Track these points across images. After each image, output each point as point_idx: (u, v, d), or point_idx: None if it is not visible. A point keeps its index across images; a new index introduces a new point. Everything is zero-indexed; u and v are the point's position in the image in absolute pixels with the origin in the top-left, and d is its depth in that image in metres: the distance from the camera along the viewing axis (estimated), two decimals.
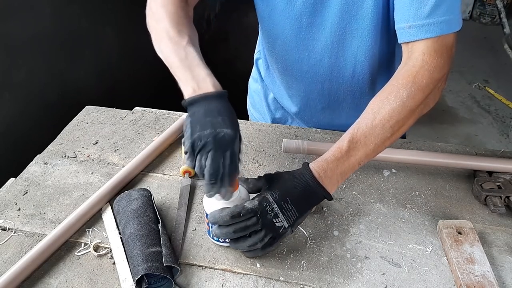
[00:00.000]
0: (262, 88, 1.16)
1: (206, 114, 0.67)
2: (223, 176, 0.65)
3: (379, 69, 0.95)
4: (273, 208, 0.68)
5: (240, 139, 0.68)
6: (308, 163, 0.72)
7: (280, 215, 0.68)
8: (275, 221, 0.68)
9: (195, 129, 0.66)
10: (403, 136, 1.13)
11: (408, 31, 0.74)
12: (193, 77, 0.70)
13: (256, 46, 1.17)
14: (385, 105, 0.72)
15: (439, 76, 0.73)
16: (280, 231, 0.68)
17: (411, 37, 0.74)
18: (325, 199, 0.71)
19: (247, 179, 0.74)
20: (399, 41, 0.77)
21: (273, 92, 1.13)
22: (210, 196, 0.68)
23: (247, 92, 1.26)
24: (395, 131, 0.72)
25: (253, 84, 1.21)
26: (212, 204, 0.70)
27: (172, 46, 0.74)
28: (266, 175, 0.74)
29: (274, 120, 1.16)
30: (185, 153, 0.67)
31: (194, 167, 0.66)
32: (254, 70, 1.20)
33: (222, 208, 0.68)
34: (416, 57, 0.73)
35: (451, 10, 0.72)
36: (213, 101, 0.68)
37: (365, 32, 0.86)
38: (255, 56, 1.18)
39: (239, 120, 0.71)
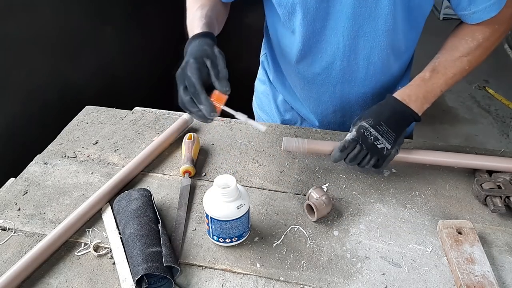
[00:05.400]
0: (271, 90, 1.14)
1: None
2: (195, 93, 0.71)
3: (392, 68, 0.94)
4: (370, 132, 0.75)
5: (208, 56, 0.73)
6: (391, 95, 0.81)
7: (380, 137, 0.76)
8: (376, 143, 0.77)
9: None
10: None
11: (473, 16, 0.82)
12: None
13: (262, 48, 1.14)
14: (462, 43, 0.84)
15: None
16: (384, 152, 0.78)
17: (483, 19, 0.82)
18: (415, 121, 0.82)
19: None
20: (467, 22, 0.84)
21: (283, 94, 1.11)
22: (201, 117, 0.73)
23: (249, 91, 1.25)
24: (472, 63, 0.84)
25: (260, 86, 1.18)
26: (212, 204, 0.70)
27: (188, 17, 0.87)
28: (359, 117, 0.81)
29: (283, 122, 1.14)
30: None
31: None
32: (260, 71, 1.18)
33: (340, 150, 0.79)
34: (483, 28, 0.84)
35: None
36: (191, 42, 0.76)
37: (379, 33, 0.85)
38: (261, 58, 1.16)
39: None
